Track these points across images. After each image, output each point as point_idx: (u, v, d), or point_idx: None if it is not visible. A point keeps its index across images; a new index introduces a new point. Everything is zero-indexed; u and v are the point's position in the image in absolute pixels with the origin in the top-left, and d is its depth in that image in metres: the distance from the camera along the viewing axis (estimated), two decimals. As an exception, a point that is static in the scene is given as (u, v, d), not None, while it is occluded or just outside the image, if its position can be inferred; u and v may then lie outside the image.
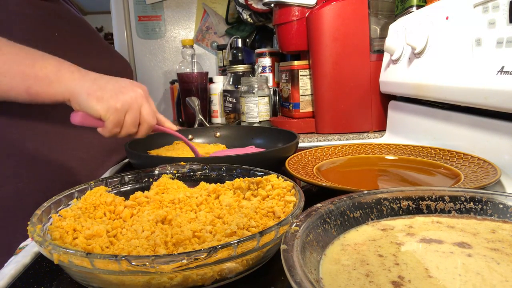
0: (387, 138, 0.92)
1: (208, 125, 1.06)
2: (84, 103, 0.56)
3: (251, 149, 0.78)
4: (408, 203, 0.36)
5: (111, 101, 0.56)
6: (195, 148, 0.71)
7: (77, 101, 0.56)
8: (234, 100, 1.22)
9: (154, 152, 0.78)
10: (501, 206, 0.34)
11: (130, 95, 0.58)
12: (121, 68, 0.93)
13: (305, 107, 1.02)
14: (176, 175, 0.52)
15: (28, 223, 0.34)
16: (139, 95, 0.59)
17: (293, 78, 1.02)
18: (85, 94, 0.56)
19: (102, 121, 0.57)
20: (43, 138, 0.73)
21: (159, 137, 0.85)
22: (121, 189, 0.49)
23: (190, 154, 0.76)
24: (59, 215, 0.39)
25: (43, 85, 0.56)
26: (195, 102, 1.08)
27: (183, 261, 0.27)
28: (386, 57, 0.90)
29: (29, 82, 0.56)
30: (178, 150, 0.80)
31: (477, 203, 0.35)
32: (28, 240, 0.43)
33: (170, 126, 0.66)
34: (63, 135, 0.75)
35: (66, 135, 0.75)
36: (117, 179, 0.49)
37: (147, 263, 0.27)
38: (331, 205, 0.33)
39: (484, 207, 0.35)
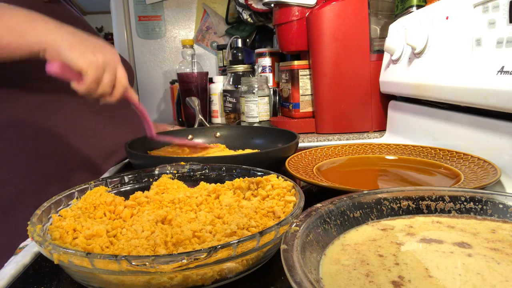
0: (387, 138, 0.92)
1: (208, 125, 1.06)
2: (65, 54, 0.54)
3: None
4: (408, 203, 0.36)
5: (92, 56, 0.55)
6: (152, 126, 0.70)
7: (56, 51, 0.55)
8: (234, 100, 1.22)
9: (154, 152, 0.78)
10: (501, 206, 0.34)
11: (108, 55, 0.58)
12: None
13: (305, 107, 1.02)
14: (176, 175, 0.52)
15: (28, 223, 0.34)
16: (116, 57, 0.59)
17: (293, 78, 1.02)
18: (68, 45, 0.55)
19: (79, 75, 0.56)
20: (44, 139, 0.73)
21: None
22: (121, 189, 0.49)
23: (190, 154, 0.76)
24: (59, 215, 0.39)
25: (15, 36, 0.55)
26: (195, 102, 1.08)
27: (183, 261, 0.27)
28: (386, 57, 0.90)
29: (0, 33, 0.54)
30: (178, 150, 0.80)
31: (477, 203, 0.35)
32: (28, 240, 0.43)
33: (135, 97, 0.65)
34: (64, 136, 0.75)
35: (67, 136, 0.75)
36: (117, 179, 0.49)
37: (147, 263, 0.27)
38: (331, 205, 0.33)
39: (484, 207, 0.35)
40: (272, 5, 1.02)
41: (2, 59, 0.57)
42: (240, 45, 1.39)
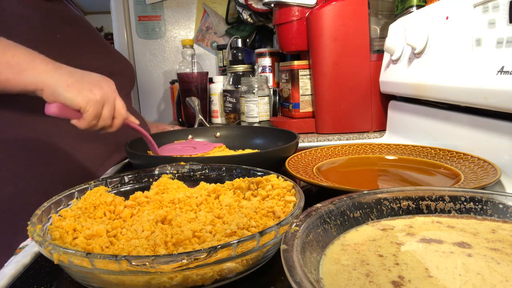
0: (387, 138, 0.92)
1: (208, 125, 1.06)
2: (64, 94, 0.56)
3: (209, 145, 0.78)
4: (408, 203, 0.36)
5: (90, 94, 0.57)
6: (155, 145, 0.72)
7: (53, 92, 0.56)
8: (234, 100, 1.22)
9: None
10: (501, 206, 0.34)
11: (106, 89, 0.59)
12: (122, 67, 0.93)
13: (305, 107, 1.02)
14: (176, 175, 0.52)
15: (28, 223, 0.34)
16: (113, 90, 0.61)
17: (293, 78, 1.02)
18: (65, 85, 0.56)
19: (79, 113, 0.58)
20: (44, 139, 0.73)
21: (159, 137, 0.85)
22: (121, 189, 0.49)
23: (190, 154, 0.76)
24: (59, 215, 0.39)
25: (14, 73, 0.56)
26: (195, 102, 1.08)
27: (183, 261, 0.27)
28: (386, 57, 0.90)
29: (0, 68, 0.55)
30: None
31: (477, 203, 0.35)
32: (28, 240, 0.43)
33: (134, 120, 0.67)
34: (64, 136, 0.75)
35: (67, 135, 0.75)
36: (117, 179, 0.49)
37: (147, 263, 0.27)
38: (331, 205, 0.33)
39: (484, 207, 0.35)
40: (272, 5, 1.02)
41: None
42: (240, 45, 1.39)
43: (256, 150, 0.79)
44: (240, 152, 0.79)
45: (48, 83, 0.56)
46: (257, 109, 1.07)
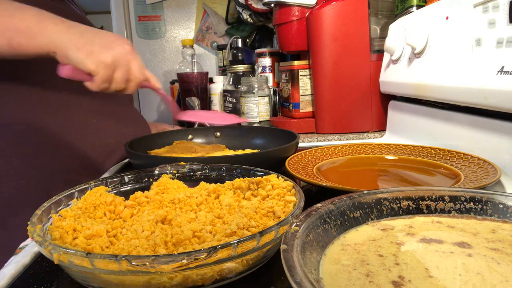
0: (387, 138, 0.92)
1: (208, 125, 1.06)
2: (74, 57, 0.54)
3: (233, 118, 0.77)
4: (408, 203, 0.36)
5: (101, 56, 0.55)
6: (176, 107, 0.70)
7: (65, 55, 0.55)
8: (234, 100, 1.22)
9: (154, 152, 0.78)
10: (501, 206, 0.34)
11: (119, 51, 0.57)
12: None
13: (305, 107, 1.02)
14: (176, 175, 0.52)
15: (28, 223, 0.34)
16: (127, 51, 0.58)
17: (293, 78, 1.02)
18: (74, 48, 0.54)
19: (91, 76, 0.56)
20: (45, 136, 0.73)
21: (159, 137, 0.85)
22: (121, 189, 0.49)
23: (190, 154, 0.76)
24: (59, 215, 0.39)
25: (25, 37, 0.54)
26: (195, 102, 1.08)
27: (183, 261, 0.27)
28: (386, 57, 0.90)
29: (10, 34, 0.54)
30: (178, 150, 0.80)
31: (477, 203, 0.35)
32: (28, 240, 0.43)
33: (154, 83, 0.65)
34: (65, 134, 0.75)
35: (68, 134, 0.75)
36: (117, 179, 0.49)
37: (147, 263, 0.27)
38: (331, 205, 0.33)
39: (484, 207, 0.35)
40: (272, 5, 1.02)
41: (11, 58, 0.57)
42: (240, 45, 1.39)
43: (256, 150, 0.79)
44: (240, 152, 0.79)
45: (59, 45, 0.54)
46: (257, 109, 1.07)
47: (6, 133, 0.69)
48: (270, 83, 1.26)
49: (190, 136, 0.89)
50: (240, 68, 1.22)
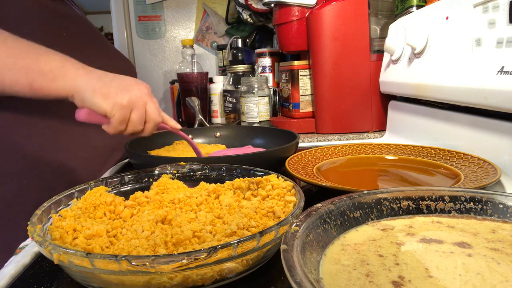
0: (387, 138, 0.92)
1: (208, 125, 1.06)
2: (90, 99, 0.55)
3: (249, 149, 0.78)
4: (408, 203, 0.36)
5: (117, 98, 0.56)
6: (198, 148, 0.71)
7: (81, 98, 0.56)
8: (234, 100, 1.22)
9: (154, 152, 0.78)
10: (501, 206, 0.34)
11: (135, 93, 0.58)
12: (125, 68, 0.93)
13: (305, 107, 1.02)
14: (176, 175, 0.52)
15: (28, 223, 0.34)
16: (144, 93, 0.59)
17: (293, 78, 1.02)
18: (91, 91, 0.55)
19: (107, 118, 0.57)
20: (46, 136, 0.73)
21: (159, 137, 0.85)
22: (121, 189, 0.49)
23: (190, 154, 0.76)
24: (59, 215, 0.39)
25: (47, 80, 0.56)
26: (195, 102, 1.08)
27: (183, 261, 0.27)
28: (386, 57, 0.90)
29: (33, 76, 0.55)
30: (178, 150, 0.80)
31: (477, 203, 0.35)
32: (28, 240, 0.43)
33: (173, 125, 0.66)
34: (67, 134, 0.75)
35: (69, 133, 0.75)
36: (117, 179, 0.49)
37: (147, 263, 0.27)
38: (331, 205, 0.33)
39: (484, 207, 0.35)
40: (272, 5, 1.02)
41: (31, 97, 0.58)
42: (240, 45, 1.39)
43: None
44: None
45: (78, 89, 0.56)
46: (257, 109, 1.07)
47: (6, 134, 0.69)
48: (270, 83, 1.26)
49: (190, 136, 0.89)
50: (240, 68, 1.22)
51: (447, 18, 0.66)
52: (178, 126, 0.66)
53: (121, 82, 0.58)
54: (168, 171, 0.52)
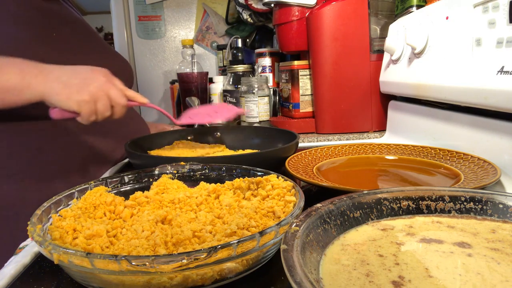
0: (387, 138, 0.92)
1: (208, 125, 1.06)
2: (56, 102, 0.61)
3: (232, 110, 0.80)
4: (408, 203, 0.36)
5: (79, 96, 0.60)
6: (170, 115, 0.74)
7: (49, 101, 0.61)
8: (234, 100, 1.22)
9: (154, 152, 0.78)
10: (501, 206, 0.34)
11: (94, 85, 0.62)
12: (120, 67, 0.93)
13: (305, 107, 1.02)
14: (176, 175, 0.52)
15: (28, 223, 0.34)
16: (103, 82, 0.63)
17: (293, 78, 1.02)
18: (55, 95, 0.60)
19: (77, 113, 0.62)
20: (46, 137, 0.73)
21: (159, 137, 0.85)
22: (121, 189, 0.49)
23: (190, 154, 0.76)
24: (59, 215, 0.39)
25: (14, 95, 0.61)
26: (195, 102, 1.08)
27: (183, 261, 0.27)
28: (386, 57, 0.90)
29: (1, 95, 0.60)
30: (178, 150, 0.80)
31: (477, 203, 0.35)
32: (28, 240, 0.43)
33: (141, 100, 0.69)
34: (66, 134, 0.75)
35: (69, 133, 0.75)
36: (117, 179, 0.49)
37: (147, 263, 0.27)
38: (331, 205, 0.33)
39: (484, 207, 0.35)
40: (272, 5, 1.02)
41: (9, 108, 0.63)
42: (240, 45, 1.39)
43: (256, 150, 0.79)
44: (240, 152, 0.79)
45: (43, 96, 0.61)
46: (257, 109, 1.07)
47: (7, 134, 0.69)
48: (270, 83, 1.26)
49: (190, 136, 0.89)
50: (240, 68, 1.22)
51: (447, 18, 0.66)
52: (145, 100, 0.69)
53: (79, 76, 0.62)
54: (168, 171, 0.52)
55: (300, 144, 0.92)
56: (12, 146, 0.70)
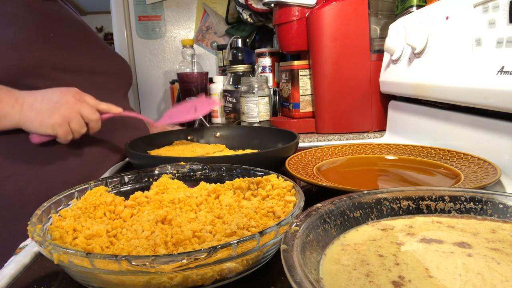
0: (387, 138, 0.92)
1: (208, 125, 1.06)
2: (33, 129, 0.66)
3: (209, 103, 0.80)
4: (408, 203, 0.36)
5: (51, 120, 0.65)
6: (149, 119, 0.78)
7: (26, 129, 0.66)
8: (234, 100, 1.22)
9: (154, 152, 0.78)
10: (501, 206, 0.34)
11: (64, 108, 0.66)
12: (119, 67, 0.93)
13: (305, 107, 1.02)
14: (176, 175, 0.52)
15: (28, 223, 0.34)
16: (72, 103, 0.67)
17: (293, 78, 1.02)
18: (29, 123, 0.65)
19: (54, 135, 0.66)
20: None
21: (159, 137, 0.85)
22: (121, 189, 0.49)
23: (190, 154, 0.76)
24: (59, 215, 0.39)
25: None
26: (195, 102, 1.08)
27: (183, 261, 0.27)
28: (386, 57, 0.90)
29: None
30: (178, 150, 0.80)
31: (477, 203, 0.35)
32: (28, 240, 0.43)
33: (115, 110, 0.72)
34: None
35: None
36: (117, 179, 0.49)
37: (147, 263, 0.27)
38: (331, 205, 0.33)
39: (484, 207, 0.35)
40: (272, 5, 1.02)
41: None
42: (240, 45, 1.39)
43: (256, 150, 0.79)
44: (240, 152, 0.79)
45: (20, 124, 0.65)
46: (257, 109, 1.07)
47: (6, 134, 0.69)
48: (270, 83, 1.26)
49: (190, 136, 0.89)
50: (240, 68, 1.22)
51: (447, 18, 0.66)
52: (119, 109, 0.72)
53: (50, 101, 0.66)
54: (168, 171, 0.52)
55: (300, 144, 0.92)
56: (12, 146, 0.70)
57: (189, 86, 1.24)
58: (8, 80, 0.68)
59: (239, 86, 1.19)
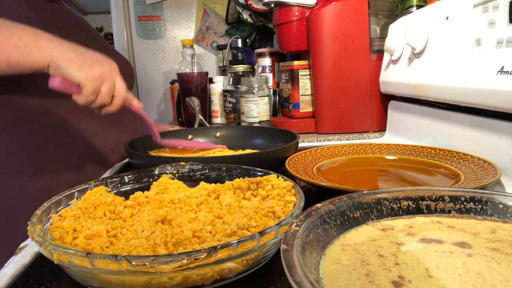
0: (387, 138, 0.92)
1: (208, 125, 1.06)
2: (65, 69, 0.58)
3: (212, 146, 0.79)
4: (408, 203, 0.36)
5: (90, 70, 0.59)
6: (157, 132, 0.74)
7: (57, 67, 0.59)
8: (234, 100, 1.22)
9: (154, 152, 0.78)
10: (501, 206, 0.34)
11: (106, 67, 0.61)
12: (122, 68, 0.93)
13: (305, 107, 1.02)
14: (176, 175, 0.52)
15: (28, 223, 0.34)
16: (114, 69, 0.63)
17: (293, 78, 1.02)
18: (66, 61, 0.58)
19: (79, 88, 0.60)
20: (46, 136, 0.73)
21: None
22: (121, 189, 0.49)
23: (190, 154, 0.76)
24: (59, 215, 0.39)
25: (23, 54, 0.58)
26: (195, 102, 1.08)
27: (183, 261, 0.27)
28: (386, 57, 0.90)
29: (9, 51, 0.58)
30: (178, 150, 0.80)
31: (477, 203, 0.35)
32: (28, 240, 0.43)
33: (137, 104, 0.69)
34: (66, 134, 0.75)
35: (68, 133, 0.75)
36: (117, 179, 0.49)
37: (147, 263, 0.27)
38: (331, 205, 0.33)
39: (484, 207, 0.35)
40: (272, 5, 1.02)
41: (8, 73, 0.60)
42: (240, 45, 1.39)
43: (256, 150, 0.79)
44: (240, 152, 0.79)
45: (53, 59, 0.58)
46: (257, 109, 1.07)
47: (8, 134, 0.69)
48: (270, 83, 1.26)
49: (190, 136, 0.89)
50: (240, 68, 1.22)
51: (447, 18, 0.66)
52: (141, 105, 0.69)
53: (94, 56, 0.61)
54: (168, 171, 0.52)
55: (300, 144, 0.92)
56: (12, 146, 0.70)
57: (189, 86, 1.24)
58: (12, 79, 0.68)
59: (239, 86, 1.19)
